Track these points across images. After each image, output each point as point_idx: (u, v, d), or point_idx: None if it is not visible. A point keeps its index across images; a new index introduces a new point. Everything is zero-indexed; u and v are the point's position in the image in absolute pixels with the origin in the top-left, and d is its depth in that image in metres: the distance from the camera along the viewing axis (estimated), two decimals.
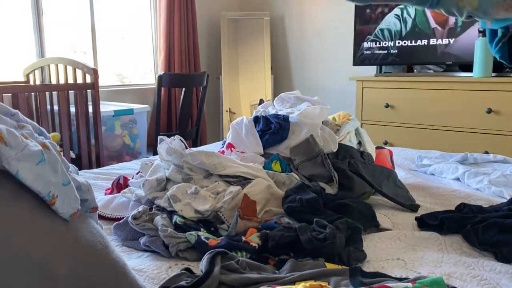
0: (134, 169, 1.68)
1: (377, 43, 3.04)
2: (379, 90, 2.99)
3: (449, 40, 2.78)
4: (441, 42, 2.80)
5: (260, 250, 0.89)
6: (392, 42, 2.98)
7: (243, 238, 0.90)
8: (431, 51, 2.85)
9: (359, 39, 3.13)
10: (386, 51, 3.01)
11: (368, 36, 3.07)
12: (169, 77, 3.07)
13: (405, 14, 2.93)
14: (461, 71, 2.87)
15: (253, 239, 0.89)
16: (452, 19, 2.76)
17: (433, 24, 2.81)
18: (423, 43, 2.87)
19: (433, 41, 2.83)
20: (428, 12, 2.83)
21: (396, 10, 2.97)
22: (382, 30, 3.01)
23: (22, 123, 0.64)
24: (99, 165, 2.64)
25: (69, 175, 0.61)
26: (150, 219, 0.97)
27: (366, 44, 3.08)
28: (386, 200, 1.26)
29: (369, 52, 3.07)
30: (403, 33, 2.94)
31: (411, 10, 2.90)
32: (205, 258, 0.74)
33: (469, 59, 2.70)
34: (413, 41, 2.90)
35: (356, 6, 3.14)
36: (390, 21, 2.99)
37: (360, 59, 3.12)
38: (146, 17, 3.81)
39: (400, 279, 0.71)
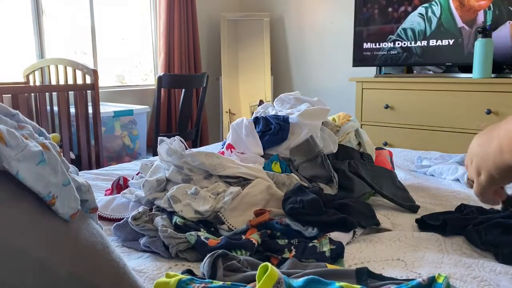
0: (134, 170, 1.67)
1: (400, 43, 2.98)
2: (379, 91, 2.99)
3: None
4: (467, 42, 2.72)
5: (262, 249, 0.89)
6: (415, 42, 2.90)
7: (243, 237, 0.90)
8: (457, 51, 2.76)
9: (359, 39, 3.12)
10: (409, 51, 2.94)
11: (390, 36, 3.01)
12: (169, 78, 3.07)
13: (429, 13, 2.84)
14: (460, 72, 2.87)
15: (254, 237, 0.89)
16: (480, 18, 2.67)
17: (460, 23, 2.74)
18: (448, 43, 2.79)
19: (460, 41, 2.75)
20: (454, 11, 2.75)
21: (420, 9, 2.87)
22: (405, 29, 2.94)
23: (22, 124, 0.64)
24: (99, 165, 2.63)
25: (69, 176, 0.60)
26: (150, 219, 0.97)
27: (388, 45, 3.03)
28: (386, 201, 1.26)
29: (394, 52, 3.00)
30: (428, 32, 2.85)
31: (436, 9, 2.80)
32: (206, 262, 0.74)
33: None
34: (439, 41, 2.82)
35: (356, 6, 3.13)
36: (413, 21, 2.90)
37: (381, 59, 3.07)
38: (146, 18, 3.81)
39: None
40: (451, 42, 2.78)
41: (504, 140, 0.52)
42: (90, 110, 2.63)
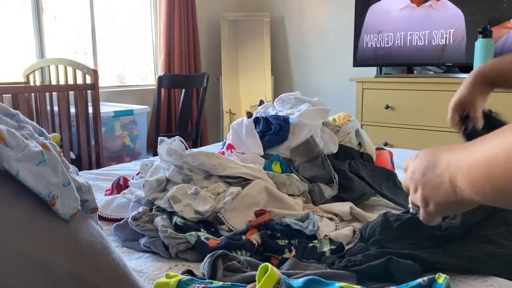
0: (134, 170, 1.67)
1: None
2: (379, 91, 2.99)
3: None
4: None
5: (262, 249, 0.89)
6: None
7: (243, 238, 0.90)
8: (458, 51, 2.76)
9: (359, 39, 3.12)
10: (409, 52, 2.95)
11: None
12: (169, 78, 3.07)
13: None
14: (461, 72, 2.87)
15: (254, 237, 0.89)
16: None
17: None
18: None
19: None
20: None
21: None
22: None
23: (22, 124, 0.64)
24: (99, 166, 2.63)
25: (69, 176, 0.60)
26: (150, 220, 0.97)
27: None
28: (386, 201, 1.25)
29: (395, 52, 3.02)
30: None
31: None
32: (206, 262, 0.74)
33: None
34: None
35: (356, 6, 3.13)
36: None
37: (381, 59, 3.07)
38: (146, 18, 3.81)
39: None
40: (451, 42, 2.79)
41: (458, 177, 0.48)
42: (90, 110, 2.63)
